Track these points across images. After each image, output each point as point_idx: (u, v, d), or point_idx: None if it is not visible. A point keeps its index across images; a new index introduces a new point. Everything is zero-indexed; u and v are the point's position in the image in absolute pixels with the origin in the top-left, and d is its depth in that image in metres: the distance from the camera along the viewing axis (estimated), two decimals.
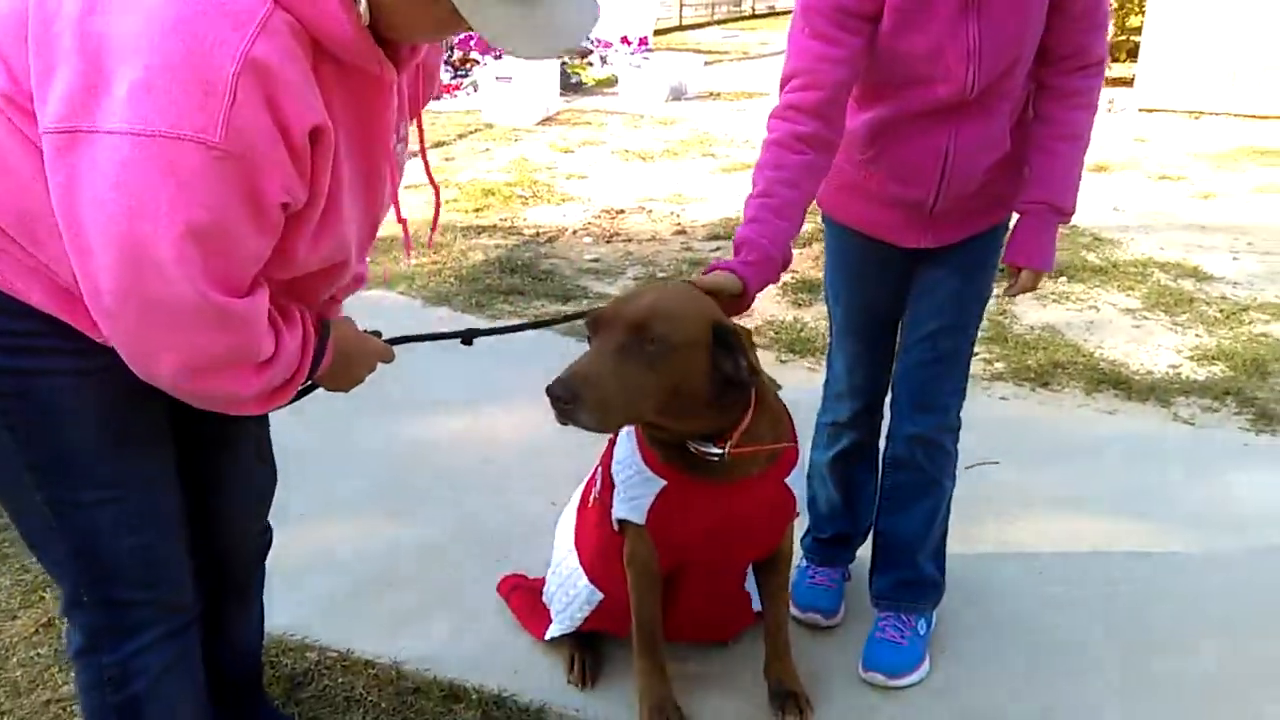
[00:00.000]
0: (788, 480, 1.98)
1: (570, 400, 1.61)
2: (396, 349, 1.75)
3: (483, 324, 4.29)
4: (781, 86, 1.95)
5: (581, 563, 2.14)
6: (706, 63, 11.95)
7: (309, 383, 1.49)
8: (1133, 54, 8.95)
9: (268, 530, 1.92)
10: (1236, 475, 3.08)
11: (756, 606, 2.23)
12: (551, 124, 8.67)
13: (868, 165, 2.06)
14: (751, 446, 1.85)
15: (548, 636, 2.24)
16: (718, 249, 5.27)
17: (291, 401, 1.46)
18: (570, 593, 2.17)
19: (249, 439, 1.78)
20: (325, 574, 2.58)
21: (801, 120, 1.89)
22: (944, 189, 2.02)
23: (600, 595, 2.12)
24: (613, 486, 1.99)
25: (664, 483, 1.89)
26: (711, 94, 10.46)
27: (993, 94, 1.95)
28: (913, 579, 2.29)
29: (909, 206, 2.07)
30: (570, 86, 10.27)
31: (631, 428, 1.94)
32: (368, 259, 1.65)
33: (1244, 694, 2.20)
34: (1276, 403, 3.51)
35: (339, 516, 2.86)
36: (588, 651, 2.23)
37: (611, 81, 10.48)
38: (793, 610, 2.35)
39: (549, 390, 1.62)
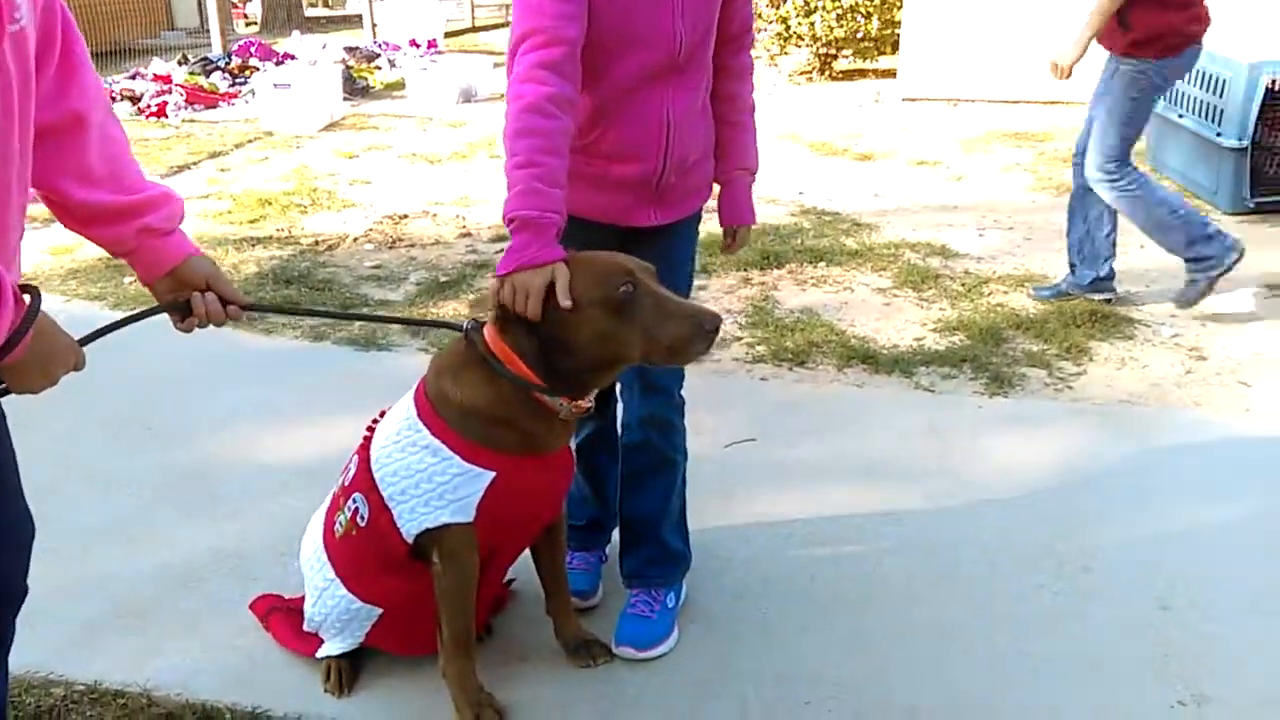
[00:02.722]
0: None
1: None
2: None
3: (255, 340, 4.21)
4: (517, 48, 1.97)
5: (351, 589, 2.15)
6: (497, 64, 11.93)
7: None
8: (896, 46, 9.48)
9: (25, 580, 1.78)
10: (968, 436, 3.36)
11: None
12: (336, 129, 8.51)
13: (591, 150, 2.13)
14: (585, 402, 1.96)
15: (320, 654, 2.25)
16: (502, 251, 5.30)
17: None
18: (345, 618, 2.18)
19: (6, 477, 1.68)
20: (70, 607, 2.50)
21: (550, 80, 1.92)
22: (668, 159, 2.14)
23: (379, 611, 2.15)
24: (387, 510, 2.00)
25: (493, 474, 1.94)
26: (502, 95, 10.45)
27: (694, 62, 2.12)
28: (659, 555, 2.42)
29: (637, 184, 2.17)
30: (357, 91, 10.07)
31: (428, 437, 1.96)
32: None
33: (967, 635, 2.42)
34: (1008, 366, 3.83)
35: (85, 547, 2.77)
36: (343, 660, 2.24)
37: (400, 85, 10.35)
38: None
39: (716, 324, 1.86)
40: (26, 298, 1.34)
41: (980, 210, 5.87)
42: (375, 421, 2.15)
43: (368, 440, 2.12)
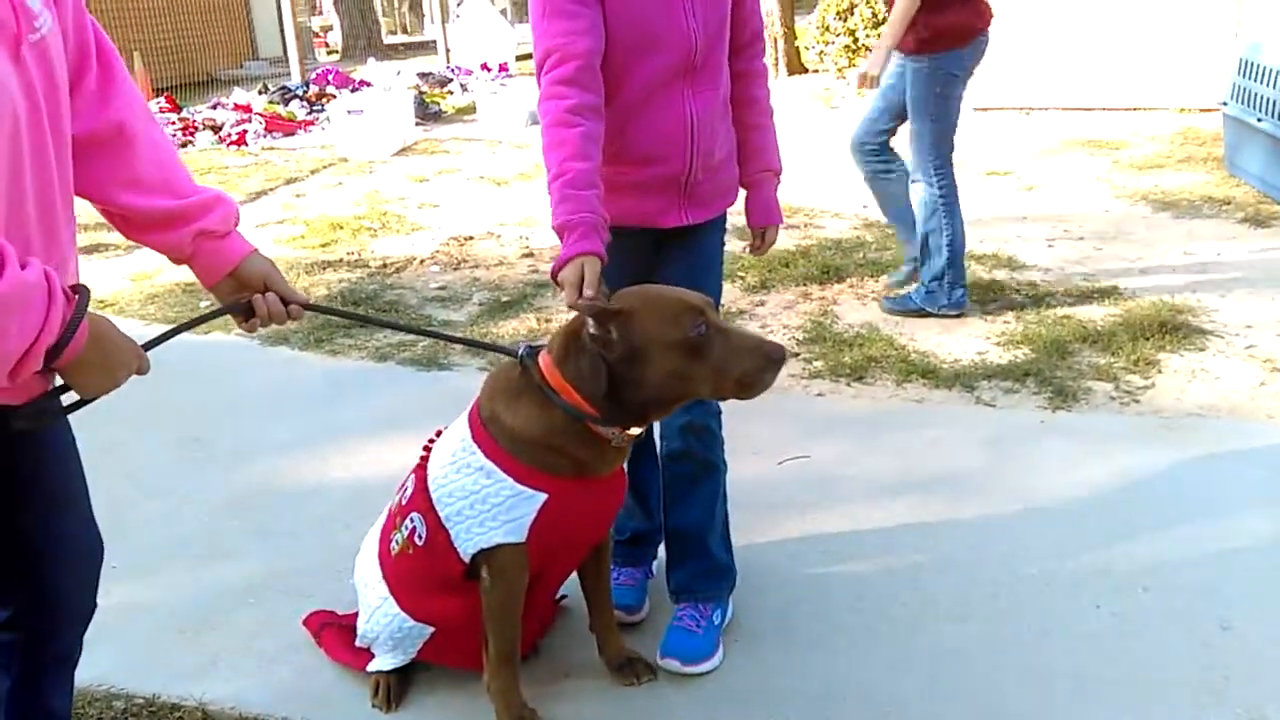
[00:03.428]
0: None
1: None
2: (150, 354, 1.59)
3: (320, 361, 4.32)
4: (539, 71, 2.10)
5: (405, 607, 2.18)
6: None
7: (61, 373, 1.39)
8: None
9: (95, 598, 1.85)
10: (1030, 451, 3.29)
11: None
12: (408, 154, 8.70)
13: (620, 156, 2.18)
14: (636, 429, 1.99)
15: (371, 668, 2.28)
16: None
17: (54, 408, 1.42)
18: (398, 635, 2.21)
19: (77, 499, 1.76)
20: (134, 622, 2.58)
21: (568, 93, 2.04)
22: (695, 157, 2.22)
23: (430, 629, 2.19)
24: (444, 529, 2.04)
25: (545, 495, 1.97)
26: None
27: (710, 63, 2.20)
28: (706, 568, 2.42)
29: (666, 184, 2.23)
30: (429, 116, 10.29)
31: (482, 459, 2.00)
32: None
33: (1020, 655, 2.37)
34: (1073, 380, 3.75)
35: (150, 564, 2.86)
36: (392, 675, 2.28)
37: (471, 109, 10.54)
38: None
39: (782, 355, 1.91)
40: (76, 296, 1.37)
41: (1051, 221, 5.76)
42: (432, 441, 2.19)
43: (424, 460, 2.16)
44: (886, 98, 4.36)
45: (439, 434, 2.17)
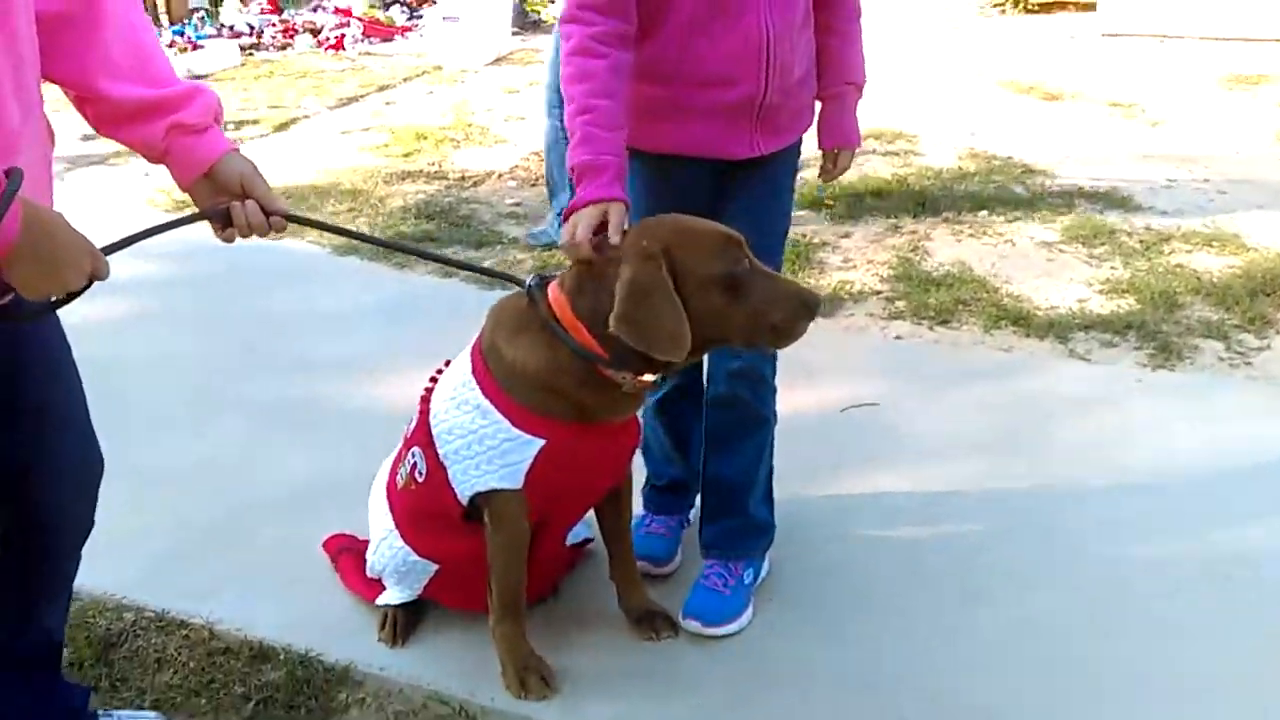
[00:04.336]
0: None
1: None
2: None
3: (388, 273, 4.22)
4: None
5: (409, 542, 2.07)
6: None
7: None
8: None
9: (91, 517, 1.80)
10: (1122, 413, 3.00)
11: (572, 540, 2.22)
12: (502, 64, 8.49)
13: (680, 77, 1.95)
14: (650, 375, 1.81)
15: (380, 601, 2.19)
16: None
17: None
18: (402, 569, 2.11)
19: (70, 415, 1.69)
20: (153, 535, 2.53)
21: (594, 19, 1.84)
22: (771, 76, 1.95)
23: (435, 566, 2.08)
24: (443, 468, 1.91)
25: (542, 441, 1.82)
26: None
27: None
28: (742, 525, 2.24)
29: (736, 110, 1.98)
30: (529, 24, 10.03)
31: (479, 397, 1.85)
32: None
33: (1082, 641, 2.14)
34: (1180, 336, 3.42)
35: (181, 475, 2.80)
36: (401, 610, 2.17)
37: None
38: None
39: (818, 302, 1.79)
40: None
41: (1175, 160, 5.30)
42: (440, 371, 2.05)
43: (429, 392, 2.02)
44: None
45: (448, 364, 2.02)
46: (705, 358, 2.19)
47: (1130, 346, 3.38)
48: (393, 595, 2.15)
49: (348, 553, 2.35)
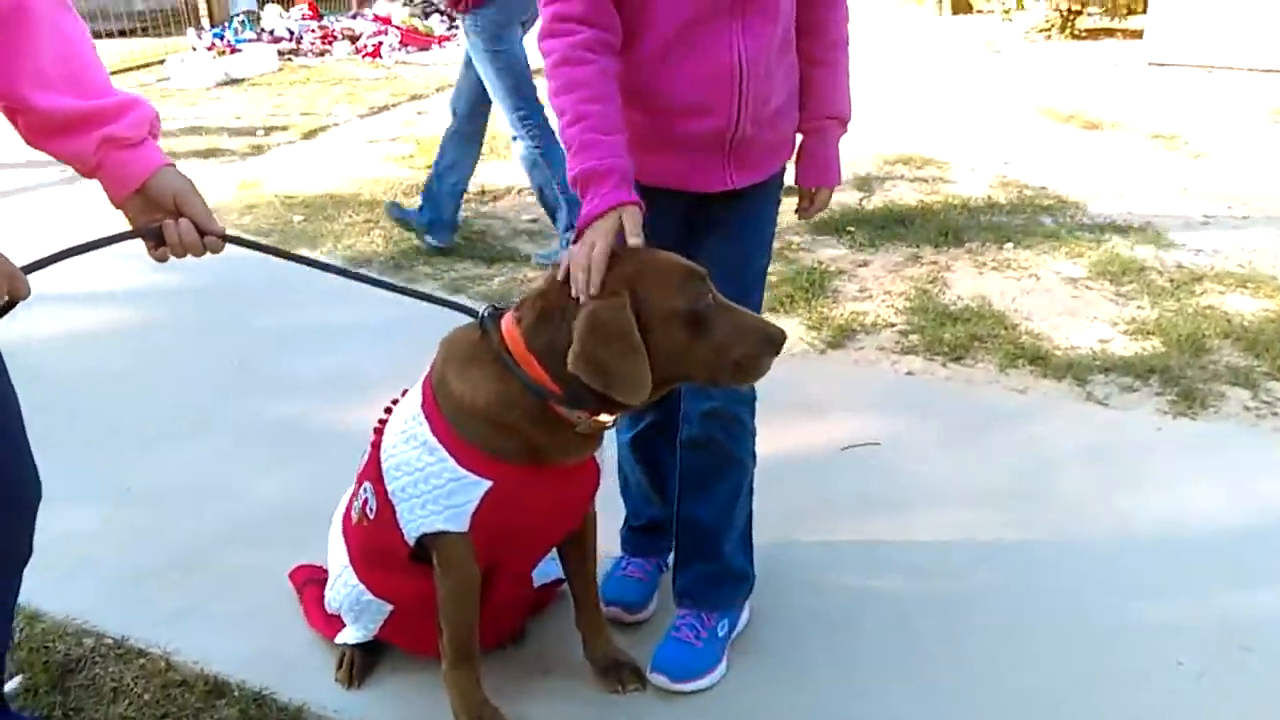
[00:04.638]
0: None
1: None
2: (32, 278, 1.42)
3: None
4: (540, 1, 1.78)
5: (363, 579, 2.00)
6: None
7: None
8: (1148, 3, 8.48)
9: (28, 544, 1.74)
10: (1138, 462, 2.86)
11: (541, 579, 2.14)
12: (539, 76, 8.43)
13: (650, 104, 1.85)
14: (607, 416, 1.71)
15: (338, 640, 2.12)
16: None
17: None
18: (357, 608, 2.04)
19: (3, 435, 1.62)
20: (122, 556, 2.49)
21: (575, 29, 1.72)
22: (744, 107, 1.85)
23: (389, 607, 2.00)
24: (391, 505, 1.83)
25: (489, 483, 1.73)
26: None
27: None
28: (718, 572, 2.13)
29: (707, 141, 1.88)
30: None
31: (427, 433, 1.77)
32: None
33: (1077, 709, 2.02)
34: (1204, 383, 3.26)
35: (157, 494, 2.76)
36: (358, 650, 2.10)
37: None
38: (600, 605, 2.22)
39: (782, 339, 1.68)
40: None
41: (1215, 195, 5.11)
42: (395, 402, 1.97)
43: (382, 424, 1.94)
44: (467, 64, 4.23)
45: (405, 393, 1.94)
46: (682, 395, 2.10)
47: (1151, 391, 3.23)
48: (350, 634, 2.08)
49: (312, 584, 2.27)
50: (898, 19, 10.57)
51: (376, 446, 1.90)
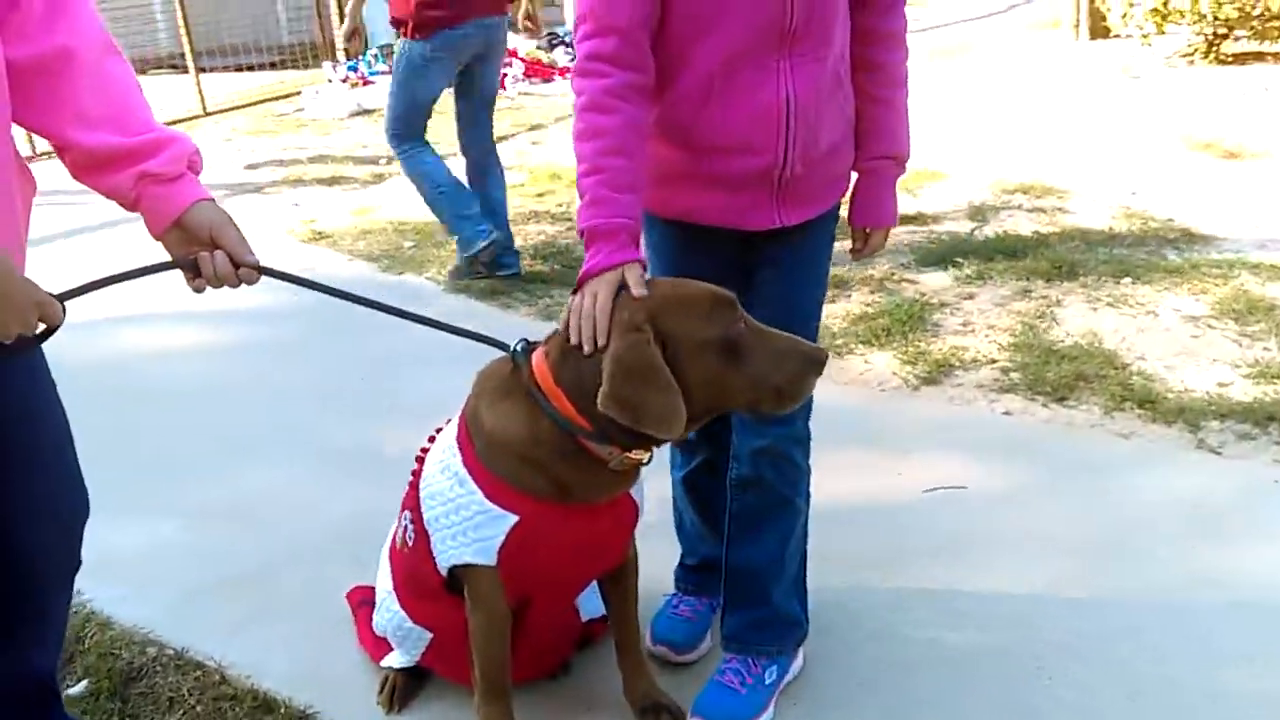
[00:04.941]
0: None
1: None
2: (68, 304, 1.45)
3: (492, 313, 4.21)
4: (576, 36, 1.77)
5: (404, 605, 2.00)
6: None
7: None
8: None
9: (75, 556, 1.79)
10: (1246, 519, 2.64)
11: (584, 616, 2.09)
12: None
13: (696, 141, 1.81)
14: (640, 451, 1.68)
15: (384, 664, 2.13)
16: None
17: None
18: (399, 634, 2.05)
19: (50, 458, 1.68)
20: (192, 569, 2.56)
21: (608, 70, 1.70)
22: (792, 147, 1.79)
23: (429, 635, 2.00)
24: (427, 535, 1.83)
25: (516, 518, 1.72)
26: None
27: (816, 25, 1.75)
28: (767, 617, 2.05)
29: (753, 179, 1.82)
30: None
31: (459, 464, 1.77)
32: None
33: None
34: None
35: (239, 511, 2.83)
36: (402, 675, 2.10)
37: None
38: (646, 642, 2.17)
39: (824, 358, 1.66)
40: None
41: None
42: (439, 430, 1.96)
43: (425, 453, 1.93)
44: None
45: (449, 422, 1.93)
46: (733, 432, 2.04)
47: (1271, 440, 2.99)
48: (395, 659, 2.08)
49: (366, 606, 2.28)
50: (1032, 43, 10.24)
51: (417, 474, 1.89)
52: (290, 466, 3.06)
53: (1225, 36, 8.71)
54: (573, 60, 2.96)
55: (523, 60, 9.48)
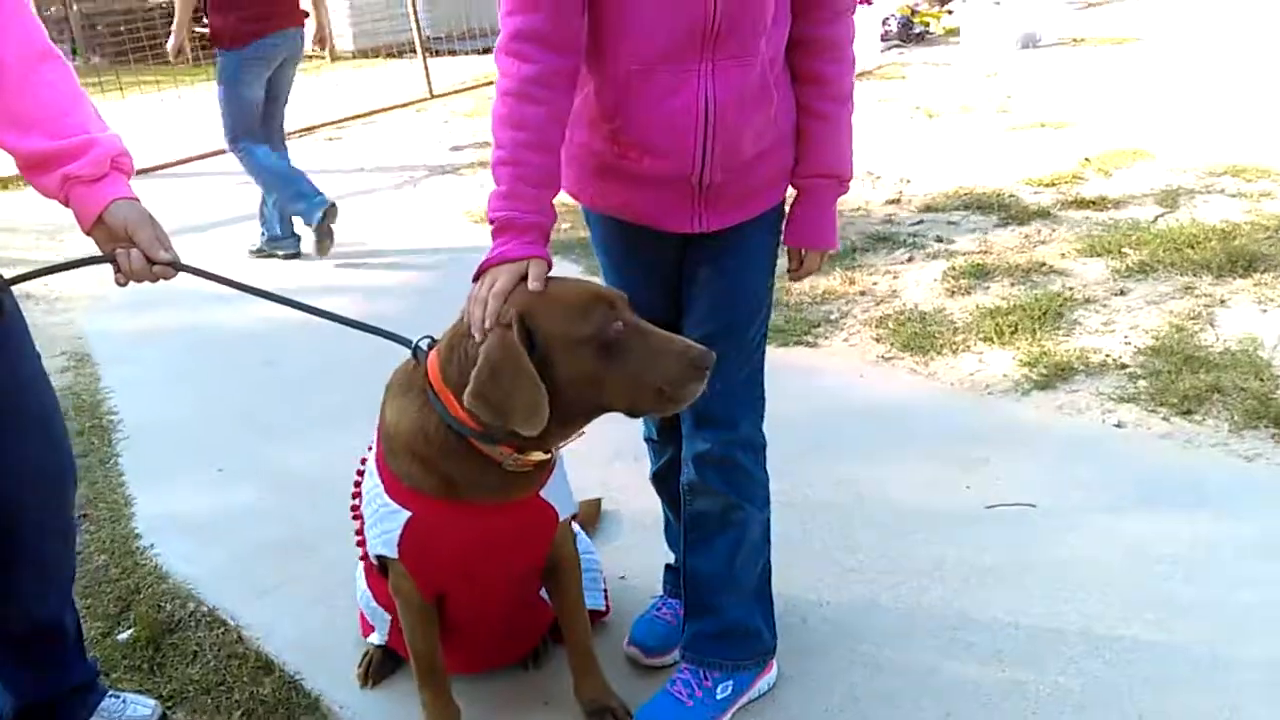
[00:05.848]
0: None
1: None
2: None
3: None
4: (501, 11, 1.69)
5: (370, 585, 2.09)
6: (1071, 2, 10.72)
7: None
8: None
9: (63, 515, 1.92)
10: None
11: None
12: (865, 79, 8.18)
13: (618, 137, 1.73)
14: (539, 453, 1.69)
15: (367, 640, 2.22)
16: (919, 222, 4.73)
17: None
18: (369, 609, 2.14)
19: (32, 424, 1.82)
20: (248, 533, 2.75)
21: (530, 54, 1.62)
22: (710, 157, 1.70)
23: (389, 616, 2.07)
24: (363, 520, 1.91)
25: (408, 513, 1.75)
26: (1075, 40, 9.26)
27: (742, 28, 1.63)
28: (722, 629, 1.97)
29: (670, 183, 1.74)
30: (912, 37, 9.64)
31: (372, 459, 1.83)
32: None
33: None
34: None
35: (286, 484, 3.00)
36: (380, 651, 2.18)
37: (957, 31, 9.64)
38: (624, 644, 2.15)
39: (709, 362, 1.58)
40: None
41: None
42: None
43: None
44: None
45: None
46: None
47: None
48: (375, 636, 2.16)
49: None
50: (1256, 5, 9.09)
51: (364, 461, 1.95)
52: (358, 441, 3.19)
53: None
54: None
55: None
